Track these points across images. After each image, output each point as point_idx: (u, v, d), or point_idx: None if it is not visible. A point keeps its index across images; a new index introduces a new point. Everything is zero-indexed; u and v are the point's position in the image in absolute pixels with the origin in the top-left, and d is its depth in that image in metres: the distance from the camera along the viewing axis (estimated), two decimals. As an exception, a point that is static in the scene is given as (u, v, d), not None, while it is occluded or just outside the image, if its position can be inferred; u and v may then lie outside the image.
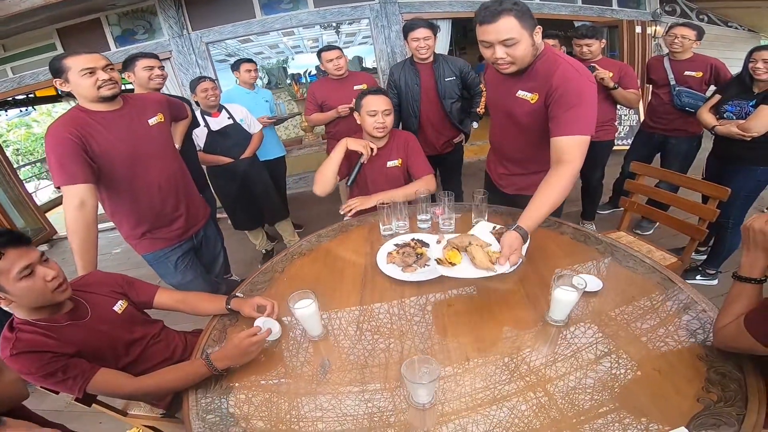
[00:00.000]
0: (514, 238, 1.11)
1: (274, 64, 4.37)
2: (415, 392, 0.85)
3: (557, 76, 1.21)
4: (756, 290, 0.83)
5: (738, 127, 1.78)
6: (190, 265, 1.71)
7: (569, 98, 1.18)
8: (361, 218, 1.75)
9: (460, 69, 2.27)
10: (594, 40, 2.29)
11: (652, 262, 1.21)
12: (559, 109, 1.20)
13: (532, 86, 1.28)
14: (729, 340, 0.82)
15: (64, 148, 1.27)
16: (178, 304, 1.27)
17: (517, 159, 1.56)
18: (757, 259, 0.83)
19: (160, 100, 1.65)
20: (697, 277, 2.15)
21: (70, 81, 1.31)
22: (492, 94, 1.52)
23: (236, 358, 1.00)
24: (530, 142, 1.41)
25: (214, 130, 2.38)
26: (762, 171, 1.85)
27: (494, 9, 1.14)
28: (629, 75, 2.30)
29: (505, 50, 1.18)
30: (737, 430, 0.72)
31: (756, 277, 0.83)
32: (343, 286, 1.30)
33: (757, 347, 0.75)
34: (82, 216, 1.29)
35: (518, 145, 1.49)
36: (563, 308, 1.01)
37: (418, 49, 2.16)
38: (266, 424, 0.86)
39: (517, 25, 1.14)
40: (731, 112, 1.87)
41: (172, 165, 1.59)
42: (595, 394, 0.82)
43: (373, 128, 1.69)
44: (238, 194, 2.51)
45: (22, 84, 3.51)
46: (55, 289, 0.99)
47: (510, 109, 1.39)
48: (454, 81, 2.26)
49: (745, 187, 1.79)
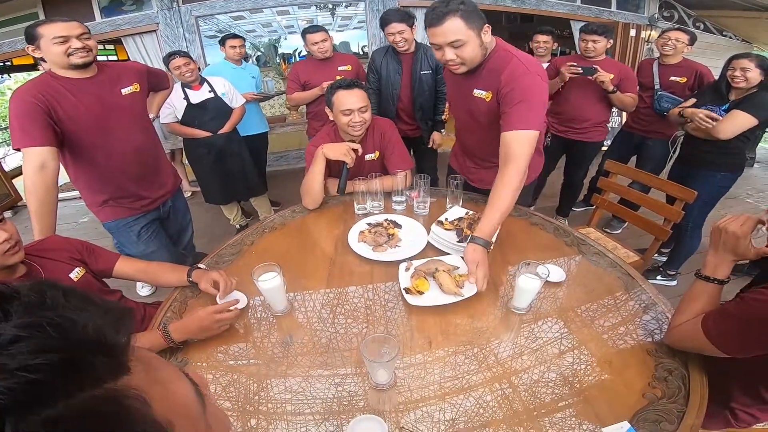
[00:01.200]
0: (474, 251, 1.09)
1: (266, 43, 4.27)
2: (374, 372, 0.84)
3: (506, 73, 1.21)
4: (717, 291, 0.84)
5: (709, 129, 1.79)
6: (154, 235, 1.69)
7: (515, 95, 1.19)
8: (336, 197, 1.73)
9: (436, 62, 2.22)
10: (601, 37, 2.23)
11: (615, 257, 1.23)
12: (507, 106, 1.20)
13: (486, 84, 1.29)
14: (683, 338, 0.83)
15: (26, 110, 1.26)
16: (139, 274, 1.24)
17: (481, 154, 1.56)
18: (723, 260, 0.84)
19: (140, 69, 1.63)
20: (657, 278, 2.21)
21: (42, 48, 1.31)
22: (452, 92, 1.52)
23: (196, 332, 0.97)
24: (492, 137, 1.35)
25: (194, 103, 2.32)
26: (722, 176, 1.90)
27: (440, 11, 1.14)
28: (629, 78, 2.27)
29: (454, 51, 1.19)
30: (676, 428, 0.73)
31: (720, 278, 0.84)
32: (312, 262, 1.29)
33: (707, 347, 0.76)
34: (41, 178, 1.26)
35: (481, 142, 1.49)
36: (526, 296, 1.01)
37: (395, 43, 2.18)
38: (234, 405, 0.84)
39: (463, 27, 1.15)
40: None
41: (140, 135, 1.56)
42: (556, 388, 0.83)
43: (348, 128, 1.54)
44: (212, 168, 2.47)
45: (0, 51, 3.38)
46: (5, 251, 0.95)
47: (469, 107, 1.39)
48: (429, 75, 2.26)
49: (705, 192, 1.80)
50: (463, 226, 1.29)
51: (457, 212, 1.41)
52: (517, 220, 1.47)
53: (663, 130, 2.35)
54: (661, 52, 2.29)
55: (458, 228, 1.30)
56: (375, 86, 2.38)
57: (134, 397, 0.26)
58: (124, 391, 0.26)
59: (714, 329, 0.75)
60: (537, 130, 1.20)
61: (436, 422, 0.77)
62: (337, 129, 1.66)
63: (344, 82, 1.54)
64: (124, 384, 0.26)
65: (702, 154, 1.90)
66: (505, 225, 1.32)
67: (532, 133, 1.18)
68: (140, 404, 0.26)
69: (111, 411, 0.24)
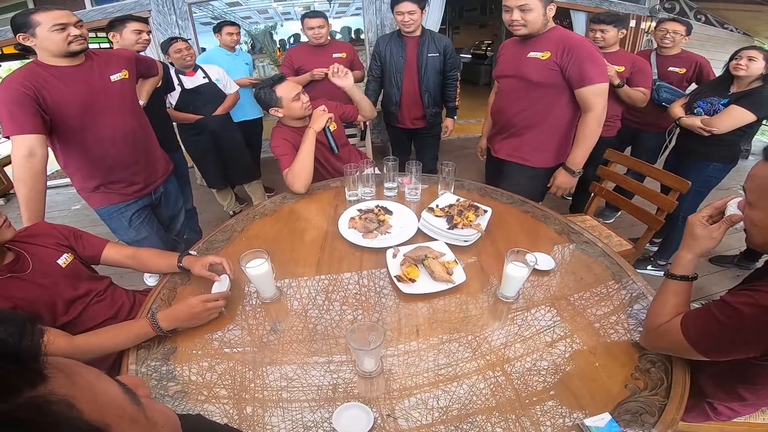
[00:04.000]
0: (564, 175, 1.63)
1: (261, 30, 4.21)
2: (360, 360, 0.84)
3: (566, 40, 1.47)
4: (687, 288, 0.84)
5: (702, 122, 1.79)
6: (145, 221, 1.68)
7: (582, 54, 1.44)
8: (326, 183, 1.74)
9: (444, 46, 2.23)
10: (610, 26, 2.07)
11: (604, 246, 1.23)
12: (575, 66, 1.45)
13: (543, 47, 1.51)
14: (659, 339, 0.82)
15: (15, 98, 1.26)
16: (128, 260, 1.22)
17: (510, 121, 1.71)
18: (687, 254, 0.84)
19: (128, 56, 1.62)
20: (648, 267, 2.21)
21: (38, 35, 1.30)
22: (504, 62, 1.71)
23: (184, 321, 0.97)
24: (533, 101, 1.60)
25: (188, 89, 2.32)
26: (714, 167, 1.89)
27: None
28: (642, 71, 2.10)
29: (520, 14, 1.46)
30: (657, 420, 0.73)
31: (684, 273, 0.84)
32: (302, 248, 1.28)
33: (684, 350, 0.76)
34: (30, 165, 1.27)
35: (520, 107, 1.65)
36: (514, 284, 1.01)
37: (403, 23, 2.14)
38: (230, 392, 0.84)
39: None
40: (702, 108, 1.87)
41: (130, 121, 1.56)
42: (548, 377, 0.83)
43: (303, 109, 1.68)
44: (206, 150, 2.49)
45: (-9, 41, 3.33)
46: None
47: (520, 70, 1.59)
48: (436, 58, 2.23)
49: (696, 182, 1.78)
50: (454, 213, 1.29)
51: (448, 199, 1.40)
52: (508, 208, 1.47)
53: (659, 122, 2.33)
54: (660, 44, 2.26)
55: (448, 215, 1.30)
56: (377, 73, 2.36)
57: (59, 402, 0.25)
58: (47, 397, 0.25)
59: (695, 332, 0.74)
60: (606, 83, 1.49)
61: (429, 409, 0.78)
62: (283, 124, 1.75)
63: (274, 78, 1.67)
64: (45, 391, 0.26)
65: (695, 145, 1.89)
66: (498, 214, 1.35)
67: (603, 85, 1.47)
68: (67, 409, 0.25)
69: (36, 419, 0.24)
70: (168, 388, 0.84)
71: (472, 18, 8.26)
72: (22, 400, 0.24)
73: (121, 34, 1.91)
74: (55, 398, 0.25)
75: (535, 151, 1.66)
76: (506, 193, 1.59)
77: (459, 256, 1.17)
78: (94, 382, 0.30)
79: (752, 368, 0.79)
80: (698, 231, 0.84)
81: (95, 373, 0.32)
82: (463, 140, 4.57)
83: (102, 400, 0.29)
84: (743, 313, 0.68)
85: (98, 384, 0.31)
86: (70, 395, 0.26)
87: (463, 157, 1.63)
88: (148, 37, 1.98)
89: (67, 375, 0.28)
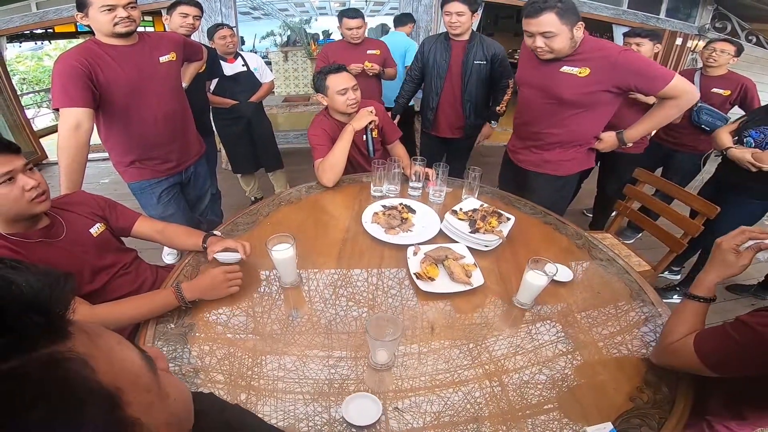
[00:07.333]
0: (612, 138, 1.55)
1: (296, 23, 4.29)
2: (374, 351, 0.86)
3: (608, 57, 1.35)
4: (704, 309, 0.84)
5: (753, 156, 1.61)
6: (173, 199, 1.74)
7: (633, 65, 1.34)
8: (353, 177, 1.75)
9: (493, 54, 2.08)
10: (645, 39, 2.01)
11: (624, 264, 1.21)
12: (637, 77, 1.35)
13: (581, 63, 1.39)
14: (671, 356, 0.82)
15: (69, 73, 1.32)
16: (156, 234, 1.25)
17: (543, 138, 1.62)
18: (710, 276, 0.84)
19: (177, 40, 1.67)
20: (674, 297, 2.13)
21: (90, 16, 1.35)
22: (527, 68, 1.58)
23: (207, 291, 1.00)
24: (565, 121, 1.51)
25: (227, 75, 2.40)
26: (757, 205, 1.76)
27: (538, 6, 1.30)
28: None
29: (544, 41, 1.35)
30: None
31: (704, 295, 0.84)
32: (325, 238, 1.31)
33: (695, 366, 0.76)
34: (76, 137, 1.32)
35: (549, 124, 1.56)
36: (531, 292, 1.01)
37: (450, 24, 2.01)
38: (226, 378, 0.84)
39: (556, 22, 1.30)
40: (753, 138, 1.69)
41: (172, 102, 1.61)
42: (544, 391, 0.83)
43: (346, 106, 1.64)
44: (238, 136, 2.56)
45: (44, 19, 3.48)
46: (33, 199, 0.95)
47: (549, 85, 1.47)
48: (483, 66, 2.08)
49: (736, 219, 1.58)
50: (477, 218, 1.29)
51: (471, 203, 1.40)
52: (529, 218, 1.46)
53: (695, 144, 2.24)
54: (705, 63, 2.18)
55: (471, 219, 1.30)
56: (416, 74, 2.27)
57: (76, 360, 0.25)
58: (65, 354, 0.25)
59: (707, 349, 0.75)
60: (673, 74, 1.35)
61: (422, 413, 0.78)
62: (328, 114, 1.74)
63: (332, 67, 1.65)
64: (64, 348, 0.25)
65: (740, 180, 1.73)
66: (520, 224, 1.33)
67: (674, 79, 1.33)
68: (83, 368, 0.25)
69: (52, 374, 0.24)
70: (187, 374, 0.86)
71: (508, 26, 8.14)
72: (38, 354, 0.24)
73: (171, 17, 1.98)
74: (73, 356, 0.25)
75: (564, 161, 1.63)
76: (529, 203, 1.57)
77: (477, 260, 1.17)
78: (114, 346, 0.30)
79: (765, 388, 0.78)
80: (730, 258, 0.83)
81: (117, 338, 0.32)
82: (485, 148, 4.51)
83: (119, 365, 0.29)
84: (758, 332, 0.69)
85: (118, 348, 0.30)
86: (88, 354, 0.26)
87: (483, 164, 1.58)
88: (193, 22, 2.01)
89: (88, 336, 0.28)
